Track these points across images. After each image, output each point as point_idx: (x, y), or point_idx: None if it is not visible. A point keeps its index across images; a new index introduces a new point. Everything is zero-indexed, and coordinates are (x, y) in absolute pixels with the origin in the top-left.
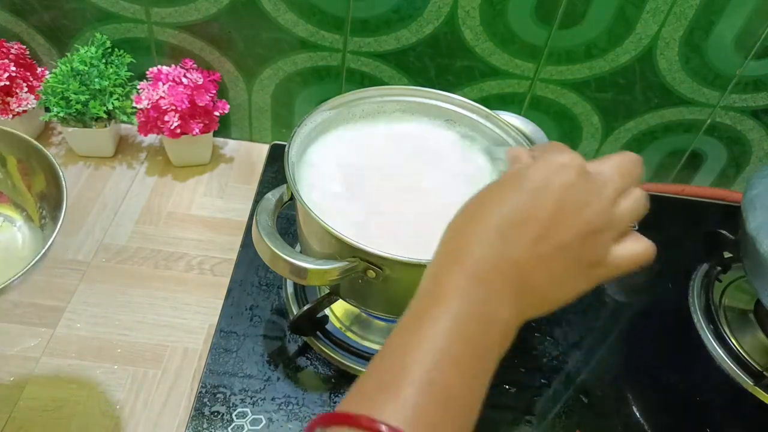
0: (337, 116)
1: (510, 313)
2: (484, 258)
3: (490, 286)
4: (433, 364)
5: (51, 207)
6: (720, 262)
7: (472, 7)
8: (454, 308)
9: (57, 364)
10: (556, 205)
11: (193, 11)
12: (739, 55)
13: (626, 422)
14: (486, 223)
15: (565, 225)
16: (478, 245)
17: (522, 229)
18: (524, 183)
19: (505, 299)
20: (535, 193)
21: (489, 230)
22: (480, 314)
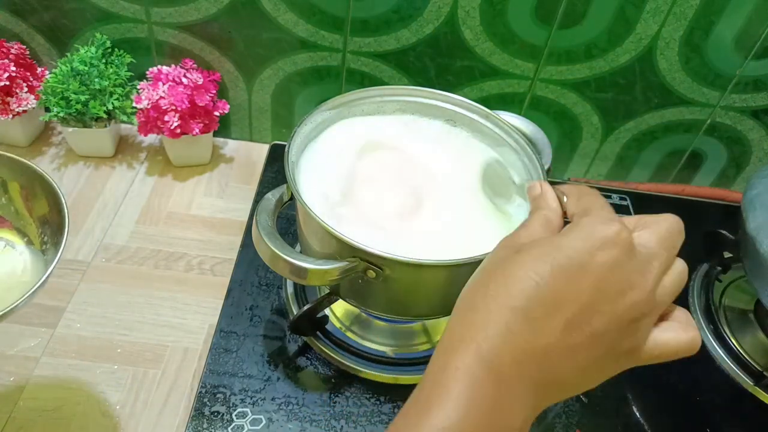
0: (337, 116)
1: (526, 415)
2: (502, 346)
3: (506, 384)
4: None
5: (53, 232)
6: (720, 262)
7: (472, 7)
8: (462, 413)
9: (57, 364)
10: (595, 288)
11: (193, 11)
12: (739, 55)
13: (626, 422)
14: (508, 301)
15: (604, 311)
16: (496, 329)
17: (552, 314)
18: (559, 257)
19: (523, 400)
20: (572, 272)
21: (510, 312)
22: (490, 424)
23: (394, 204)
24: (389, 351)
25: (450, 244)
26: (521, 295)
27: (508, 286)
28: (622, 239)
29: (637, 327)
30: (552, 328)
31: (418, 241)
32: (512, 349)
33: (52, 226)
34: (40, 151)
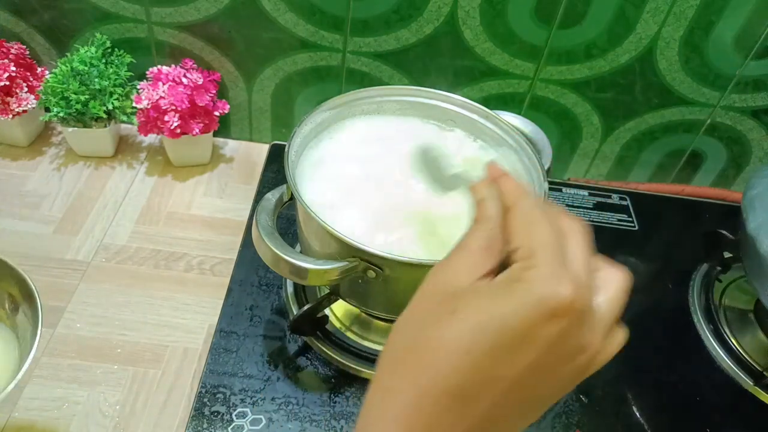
0: (337, 116)
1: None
2: (429, 424)
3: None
4: None
5: (24, 308)
6: (720, 262)
7: (472, 7)
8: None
9: (57, 364)
10: (536, 362)
11: (193, 11)
12: (739, 55)
13: (626, 422)
14: (438, 375)
15: (544, 381)
16: (424, 406)
17: (485, 390)
18: (497, 329)
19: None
20: (511, 347)
21: (440, 391)
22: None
23: (394, 204)
24: None
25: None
26: (454, 372)
27: (439, 358)
28: (574, 308)
29: (584, 373)
30: (485, 405)
31: (418, 241)
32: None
33: (22, 303)
34: (40, 151)
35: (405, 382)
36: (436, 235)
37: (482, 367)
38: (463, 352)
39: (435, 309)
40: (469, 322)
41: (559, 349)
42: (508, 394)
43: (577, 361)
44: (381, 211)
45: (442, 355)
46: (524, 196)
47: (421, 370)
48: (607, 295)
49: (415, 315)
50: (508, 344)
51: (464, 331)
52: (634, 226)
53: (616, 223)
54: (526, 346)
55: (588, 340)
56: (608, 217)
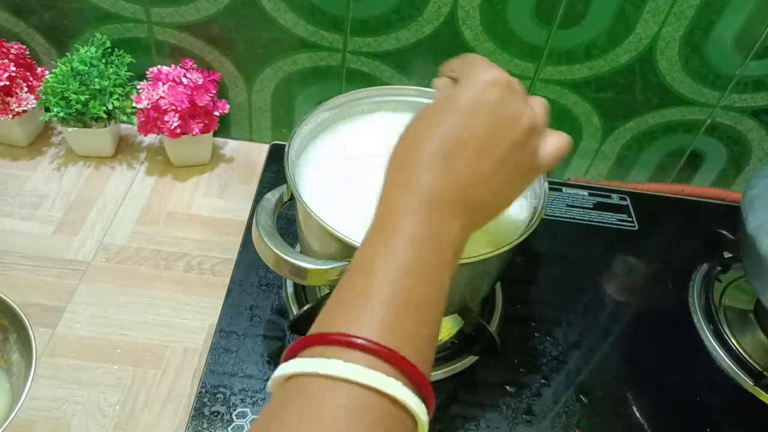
0: (337, 116)
1: (459, 230)
2: (430, 183)
3: (440, 209)
4: (395, 280)
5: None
6: (720, 262)
7: (472, 7)
8: (410, 231)
9: (57, 364)
10: (489, 122)
11: (193, 11)
12: (739, 55)
13: (626, 422)
14: (427, 149)
15: (501, 138)
16: (423, 171)
17: (461, 150)
18: (457, 106)
19: (454, 218)
20: (469, 114)
21: (431, 155)
22: (433, 235)
23: None
24: None
25: None
26: (434, 140)
27: (422, 136)
28: (502, 80)
29: (529, 146)
30: (464, 160)
31: None
32: (439, 181)
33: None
34: (40, 151)
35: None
36: None
37: (453, 132)
38: (436, 126)
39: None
40: (437, 109)
41: (502, 110)
42: (478, 151)
43: (522, 124)
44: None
45: (424, 135)
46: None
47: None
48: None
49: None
50: (466, 113)
51: (436, 114)
52: (634, 226)
53: (616, 223)
54: (479, 111)
55: (522, 107)
56: (608, 217)
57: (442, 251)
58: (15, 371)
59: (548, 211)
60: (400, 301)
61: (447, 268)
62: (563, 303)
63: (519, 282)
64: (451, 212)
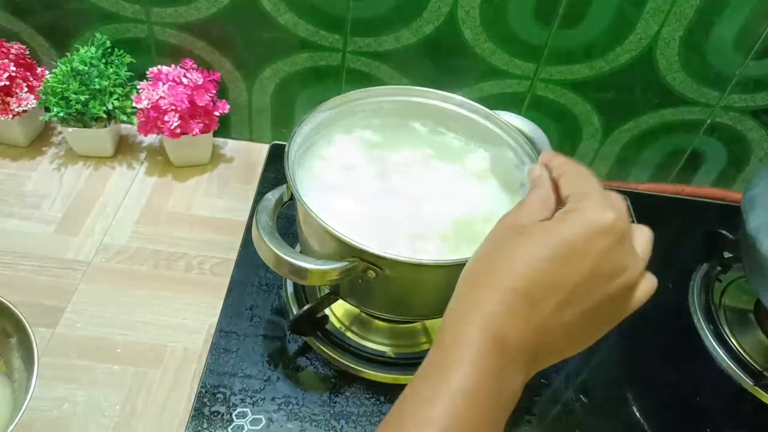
0: (337, 116)
1: (524, 379)
2: (506, 322)
3: (510, 355)
4: (446, 427)
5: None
6: (720, 262)
7: (472, 7)
8: (474, 377)
9: (57, 364)
10: (587, 273)
11: (193, 11)
12: (739, 55)
13: (626, 422)
14: (509, 281)
15: (597, 292)
16: (502, 308)
17: (548, 297)
18: (557, 243)
19: (522, 367)
20: (570, 258)
21: (515, 294)
22: (496, 386)
23: (394, 205)
24: (389, 351)
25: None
26: (522, 278)
27: (510, 268)
28: (617, 228)
29: (625, 300)
30: (548, 308)
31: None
32: (514, 326)
33: (21, 356)
34: (40, 151)
35: (482, 293)
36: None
37: (546, 275)
38: (529, 262)
39: (505, 236)
40: (533, 239)
41: (607, 262)
42: (568, 300)
43: (622, 279)
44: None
45: (512, 267)
46: (572, 164)
47: (497, 281)
48: (640, 235)
49: (487, 247)
50: (566, 256)
51: (529, 245)
52: None
53: None
54: (581, 257)
55: (629, 261)
56: None
57: (500, 401)
58: (17, 377)
59: None
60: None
61: (502, 418)
62: None
63: None
64: (519, 360)
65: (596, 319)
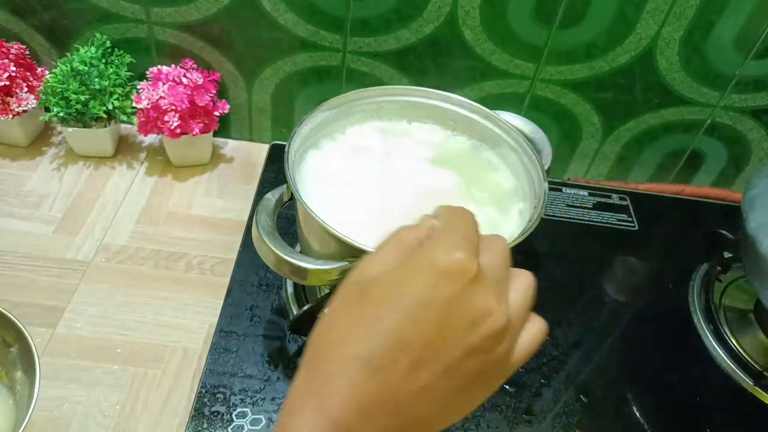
0: (337, 116)
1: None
2: (347, 402)
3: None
4: None
5: (23, 374)
6: (720, 262)
7: (472, 7)
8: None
9: (57, 364)
10: (438, 326)
11: (193, 11)
12: (739, 55)
13: (626, 422)
14: (351, 352)
15: (452, 347)
16: (340, 382)
17: (395, 360)
18: (399, 298)
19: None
20: (411, 313)
21: (354, 363)
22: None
23: (394, 205)
24: None
25: None
26: (363, 343)
27: (349, 332)
28: (463, 270)
29: (499, 350)
30: (396, 374)
31: None
32: (357, 402)
33: (23, 366)
34: (40, 151)
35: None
36: None
37: (389, 336)
38: (370, 323)
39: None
40: (374, 297)
41: (458, 309)
42: (420, 360)
43: (483, 328)
44: (383, 211)
45: (352, 332)
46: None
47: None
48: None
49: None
50: (409, 310)
51: (370, 306)
52: (634, 226)
53: (616, 223)
54: (426, 308)
55: (489, 306)
56: (608, 217)
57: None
58: (18, 389)
59: (548, 211)
60: None
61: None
62: (563, 303)
63: None
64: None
65: (466, 378)
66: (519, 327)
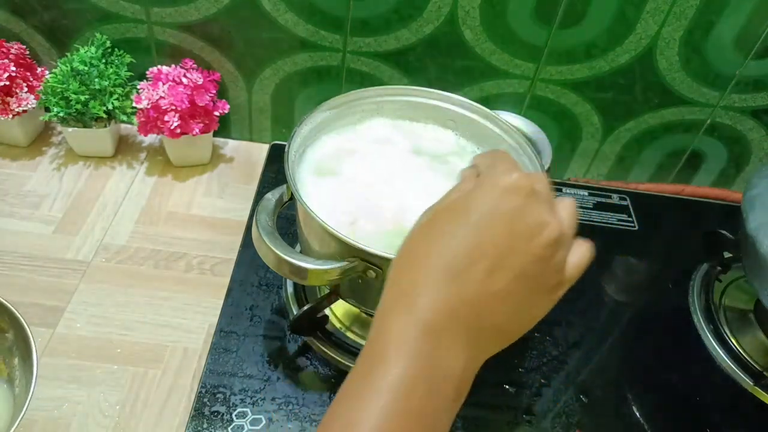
0: (337, 116)
1: (465, 364)
2: (433, 304)
3: (442, 337)
4: (373, 427)
5: (20, 361)
6: (720, 262)
7: (472, 7)
8: (401, 367)
9: (57, 364)
10: (506, 234)
11: (193, 11)
12: (739, 55)
13: (626, 422)
14: (432, 263)
15: (519, 253)
16: (425, 289)
17: (472, 265)
18: (469, 214)
19: (459, 349)
20: (482, 225)
21: (436, 271)
22: (430, 375)
23: (394, 205)
24: None
25: None
26: (441, 254)
27: (429, 249)
28: (521, 186)
29: (557, 259)
30: (475, 277)
31: None
32: (442, 304)
33: (20, 354)
34: (40, 151)
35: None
36: None
37: (464, 245)
38: (445, 237)
39: (421, 222)
40: (445, 217)
41: (521, 219)
42: (493, 265)
43: (544, 237)
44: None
45: (430, 247)
46: (490, 151)
47: (417, 265)
48: (562, 203)
49: (408, 238)
50: (479, 222)
51: (443, 223)
52: (634, 226)
53: (616, 223)
54: (494, 219)
55: (545, 217)
56: (608, 217)
57: (439, 393)
58: (17, 375)
59: None
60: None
61: (445, 410)
62: (563, 303)
63: None
64: (455, 340)
65: (531, 284)
66: (569, 241)
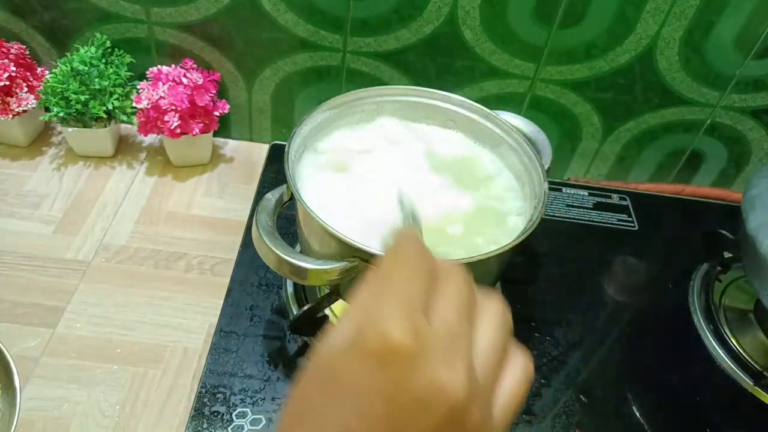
0: (337, 116)
1: None
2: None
3: None
4: None
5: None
6: (720, 262)
7: (472, 7)
8: None
9: (57, 364)
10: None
11: (193, 11)
12: (739, 55)
13: (626, 422)
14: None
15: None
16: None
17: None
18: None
19: None
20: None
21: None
22: None
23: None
24: None
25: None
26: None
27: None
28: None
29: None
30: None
31: None
32: None
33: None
34: (40, 151)
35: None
36: None
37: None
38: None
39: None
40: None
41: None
42: None
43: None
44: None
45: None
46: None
47: None
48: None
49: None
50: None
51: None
52: (634, 226)
53: (616, 223)
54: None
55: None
56: (608, 217)
57: None
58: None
59: (548, 211)
60: None
61: None
62: (563, 303)
63: (519, 282)
64: None
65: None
66: (491, 381)
